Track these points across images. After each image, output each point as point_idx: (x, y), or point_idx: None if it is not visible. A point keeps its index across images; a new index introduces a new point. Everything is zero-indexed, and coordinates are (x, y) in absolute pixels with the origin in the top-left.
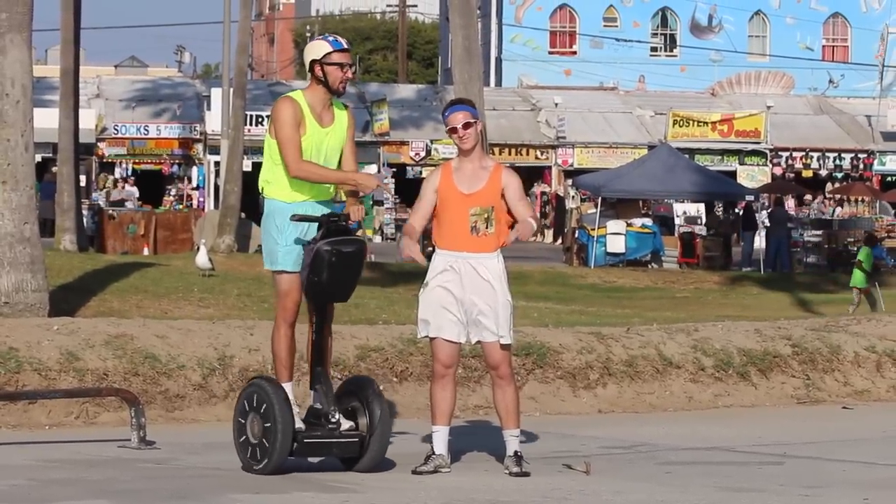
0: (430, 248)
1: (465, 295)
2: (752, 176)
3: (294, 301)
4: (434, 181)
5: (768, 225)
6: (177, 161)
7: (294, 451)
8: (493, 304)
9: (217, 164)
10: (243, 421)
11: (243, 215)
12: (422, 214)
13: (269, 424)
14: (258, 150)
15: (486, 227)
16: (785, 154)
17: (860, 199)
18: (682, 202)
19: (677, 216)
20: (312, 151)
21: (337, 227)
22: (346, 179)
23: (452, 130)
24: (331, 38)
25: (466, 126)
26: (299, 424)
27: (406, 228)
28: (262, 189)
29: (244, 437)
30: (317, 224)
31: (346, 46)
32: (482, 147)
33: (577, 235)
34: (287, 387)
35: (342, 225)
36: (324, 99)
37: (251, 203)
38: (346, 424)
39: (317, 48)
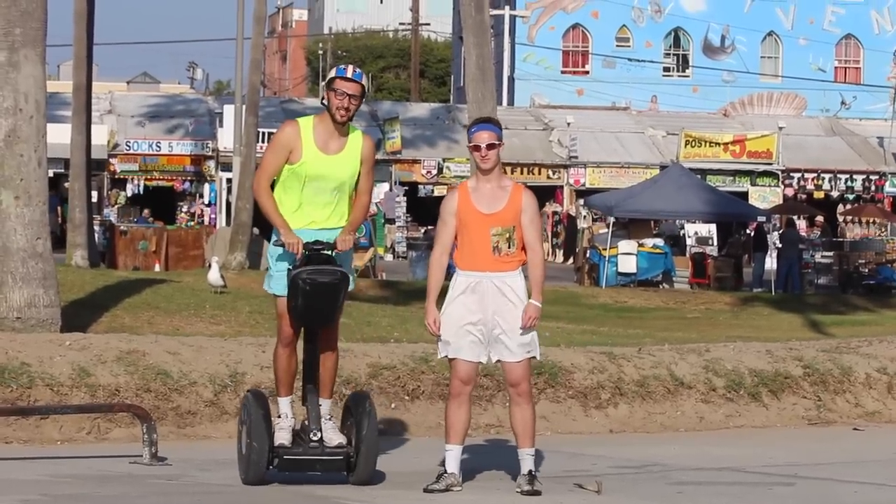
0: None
1: (488, 315)
2: (763, 197)
3: (287, 324)
4: (452, 205)
5: (779, 246)
6: (189, 178)
7: (276, 467)
8: (516, 323)
9: (229, 180)
10: (240, 431)
11: (255, 232)
12: (444, 244)
13: (249, 440)
14: None
15: (509, 248)
16: (797, 175)
17: (871, 220)
18: (694, 223)
19: (689, 237)
20: (311, 179)
21: (317, 256)
22: (279, 227)
23: (475, 148)
24: (341, 66)
25: (490, 147)
26: (283, 441)
27: (430, 278)
28: None
29: (239, 446)
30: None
31: (349, 75)
32: (501, 168)
33: (588, 255)
34: (283, 402)
35: (324, 254)
36: (331, 125)
37: (263, 220)
38: (335, 441)
39: (329, 73)
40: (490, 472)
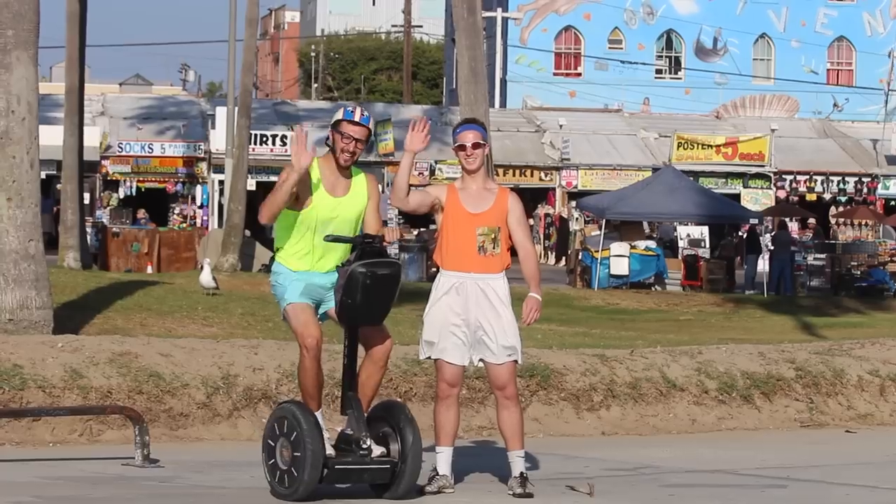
0: (434, 269)
1: (471, 316)
2: (755, 199)
3: (312, 333)
4: (441, 192)
5: (772, 248)
6: (181, 179)
7: (324, 478)
8: (498, 325)
9: (221, 182)
10: (273, 444)
11: (247, 234)
12: (416, 195)
13: (298, 453)
14: (262, 170)
15: (494, 248)
16: (789, 177)
17: (864, 222)
18: (686, 225)
19: (681, 239)
20: (321, 223)
21: (371, 249)
22: (285, 181)
23: (461, 148)
24: (350, 108)
25: (476, 146)
26: (329, 451)
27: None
28: (275, 250)
29: (273, 461)
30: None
31: (357, 119)
32: (486, 170)
33: (580, 257)
34: (317, 415)
35: (376, 247)
36: (335, 168)
37: (255, 222)
38: (377, 451)
39: (336, 115)
40: (482, 475)
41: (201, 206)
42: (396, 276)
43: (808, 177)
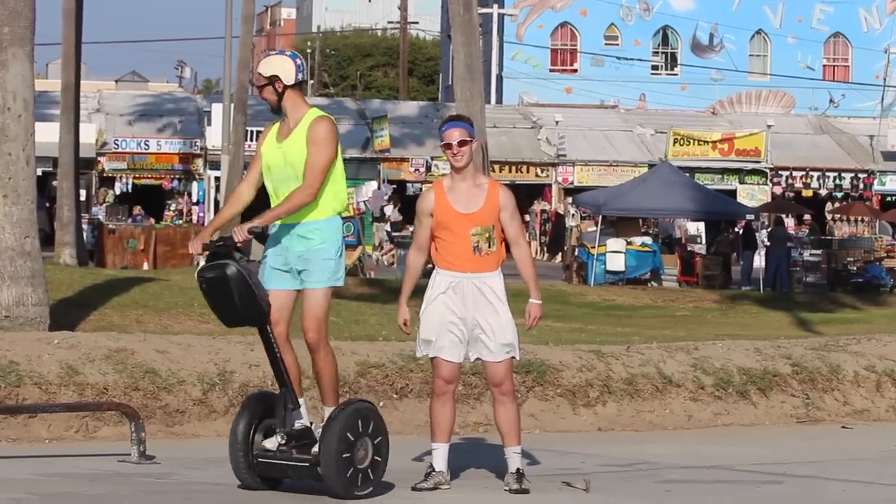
0: (430, 266)
1: (468, 313)
2: (752, 195)
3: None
4: (428, 204)
5: (768, 244)
6: (177, 176)
7: (256, 470)
8: (496, 323)
9: (217, 179)
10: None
11: None
12: (420, 243)
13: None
14: None
15: (489, 247)
16: (785, 173)
17: (860, 218)
18: (683, 221)
19: (677, 235)
20: (265, 171)
21: (214, 252)
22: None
23: (447, 146)
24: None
25: (462, 144)
26: (272, 443)
27: (405, 276)
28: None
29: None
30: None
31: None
32: (482, 165)
33: (576, 253)
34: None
35: (221, 249)
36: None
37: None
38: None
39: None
40: (478, 471)
41: (197, 203)
42: (223, 278)
43: (804, 173)
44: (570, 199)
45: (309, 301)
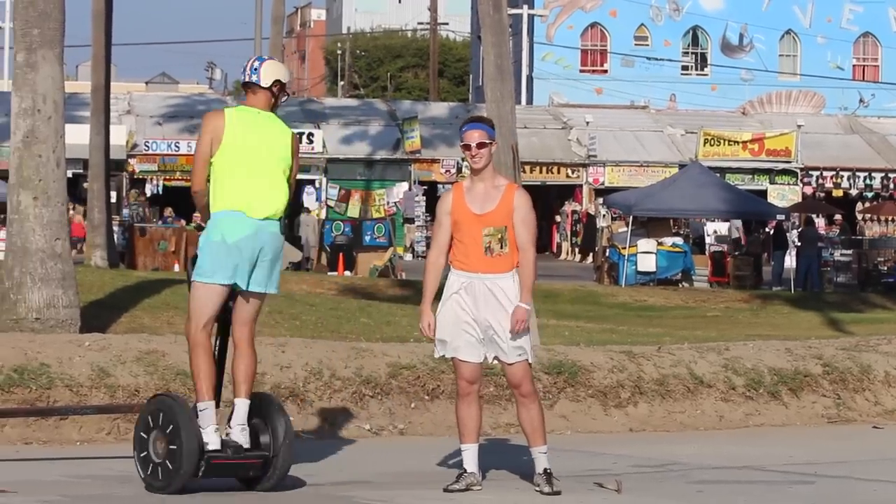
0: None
1: (481, 315)
2: (782, 195)
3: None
4: (447, 205)
5: (798, 244)
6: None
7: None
8: (507, 324)
9: None
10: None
11: None
12: (440, 245)
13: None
14: None
15: (501, 248)
16: (815, 173)
17: (891, 218)
18: (714, 221)
19: (708, 235)
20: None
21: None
22: None
23: (466, 147)
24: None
25: (480, 146)
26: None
27: (425, 280)
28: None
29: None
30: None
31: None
32: (514, 167)
33: (607, 254)
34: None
35: None
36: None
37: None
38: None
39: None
40: (510, 472)
41: None
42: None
43: (834, 173)
44: (600, 200)
45: None
